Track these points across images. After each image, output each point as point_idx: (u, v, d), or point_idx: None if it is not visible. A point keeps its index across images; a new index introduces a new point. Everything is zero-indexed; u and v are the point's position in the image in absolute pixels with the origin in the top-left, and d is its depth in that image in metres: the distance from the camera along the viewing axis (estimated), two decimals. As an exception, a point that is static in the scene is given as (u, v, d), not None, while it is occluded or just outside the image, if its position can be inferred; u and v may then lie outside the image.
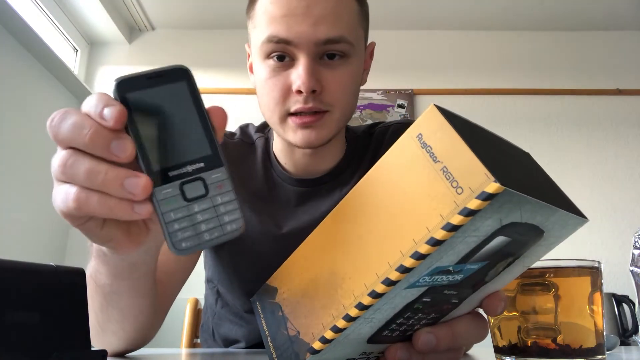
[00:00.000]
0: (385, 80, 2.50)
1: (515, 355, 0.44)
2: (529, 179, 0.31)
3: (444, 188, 0.26)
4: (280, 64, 0.64)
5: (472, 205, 0.24)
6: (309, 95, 0.63)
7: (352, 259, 0.31)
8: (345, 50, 0.64)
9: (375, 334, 0.33)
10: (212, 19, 2.46)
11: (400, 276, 0.27)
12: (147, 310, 0.54)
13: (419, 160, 0.28)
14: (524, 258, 0.31)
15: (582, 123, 2.46)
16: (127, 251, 0.35)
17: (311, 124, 0.65)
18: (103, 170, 0.28)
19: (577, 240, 2.55)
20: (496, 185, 0.23)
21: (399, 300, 0.30)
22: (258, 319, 0.40)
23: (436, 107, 0.28)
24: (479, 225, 0.25)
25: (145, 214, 0.28)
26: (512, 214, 0.26)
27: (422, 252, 0.26)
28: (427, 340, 0.34)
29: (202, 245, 0.28)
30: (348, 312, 0.30)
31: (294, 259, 0.38)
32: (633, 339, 1.63)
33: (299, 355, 0.33)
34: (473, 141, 0.26)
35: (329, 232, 0.35)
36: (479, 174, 0.24)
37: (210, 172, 0.28)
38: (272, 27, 0.62)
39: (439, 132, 0.27)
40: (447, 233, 0.25)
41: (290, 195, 0.75)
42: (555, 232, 0.30)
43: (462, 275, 0.30)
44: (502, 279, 0.33)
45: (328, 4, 0.62)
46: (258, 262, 0.52)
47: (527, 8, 2.44)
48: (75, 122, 0.29)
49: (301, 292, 0.35)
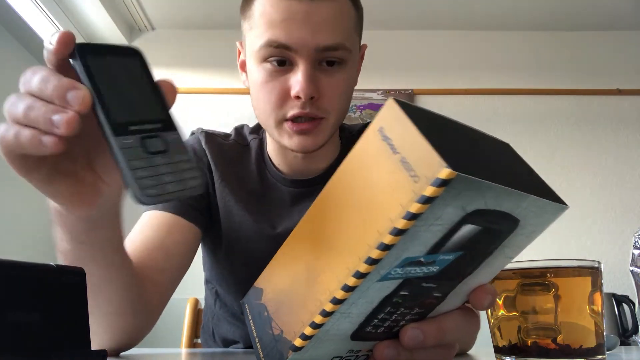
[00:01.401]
0: (385, 80, 2.50)
1: (515, 355, 0.44)
2: (500, 167, 0.31)
3: (403, 178, 0.26)
4: (279, 68, 0.64)
5: (428, 192, 0.25)
6: (307, 101, 0.63)
7: (326, 255, 0.31)
8: (343, 57, 0.65)
9: (358, 330, 0.33)
10: (212, 19, 2.46)
11: (369, 268, 0.28)
12: (123, 295, 0.52)
13: (381, 153, 0.28)
14: (504, 248, 0.31)
15: (582, 123, 2.46)
16: (79, 209, 0.37)
17: (308, 130, 0.65)
18: (37, 106, 0.30)
19: (577, 241, 2.55)
20: (448, 171, 0.24)
21: (374, 294, 0.30)
22: (247, 321, 0.41)
23: (395, 100, 0.29)
24: (440, 214, 0.26)
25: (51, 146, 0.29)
26: (475, 201, 0.26)
27: (387, 243, 0.27)
28: (413, 336, 0.34)
29: (166, 196, 0.29)
30: (324, 307, 0.30)
31: (277, 259, 0.39)
32: (633, 339, 1.63)
33: (282, 353, 0.34)
34: (432, 132, 0.27)
35: (305, 231, 0.35)
36: (433, 161, 0.25)
37: (167, 132, 0.30)
38: (272, 31, 0.62)
39: (397, 124, 0.28)
40: (407, 222, 0.26)
41: (284, 196, 0.75)
42: (532, 219, 0.30)
43: (438, 267, 0.30)
44: (486, 271, 0.33)
45: (328, 10, 0.62)
46: (253, 262, 0.53)
47: (527, 8, 2.44)
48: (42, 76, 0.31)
49: (283, 291, 0.36)
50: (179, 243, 0.67)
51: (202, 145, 0.77)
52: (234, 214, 0.74)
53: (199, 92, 2.47)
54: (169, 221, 0.68)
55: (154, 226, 0.67)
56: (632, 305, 1.67)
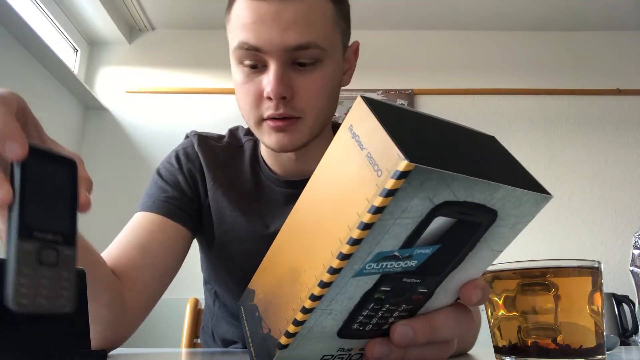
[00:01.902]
0: (385, 80, 2.51)
1: (515, 355, 0.44)
2: (478, 159, 0.31)
3: (368, 173, 0.27)
4: (253, 70, 0.64)
5: (389, 185, 0.25)
6: (280, 101, 0.63)
7: (306, 253, 0.32)
8: (317, 56, 0.64)
9: (344, 327, 0.34)
10: (212, 19, 2.46)
11: (341, 263, 0.28)
12: (98, 289, 0.53)
13: (351, 150, 0.29)
14: (488, 241, 0.31)
15: (582, 123, 2.46)
16: None
17: (284, 128, 0.65)
18: None
19: (577, 241, 2.55)
20: (405, 163, 0.24)
21: (352, 290, 0.31)
22: (242, 322, 0.41)
23: (362, 98, 0.29)
24: (405, 206, 0.26)
25: None
26: (441, 193, 0.26)
27: (355, 237, 0.27)
28: (403, 332, 0.34)
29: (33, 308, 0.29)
30: (304, 304, 0.31)
31: (266, 260, 0.39)
32: (633, 339, 1.63)
33: (270, 351, 0.35)
34: (399, 127, 0.27)
35: (289, 231, 0.36)
36: (393, 154, 0.25)
37: (65, 247, 0.31)
38: (243, 33, 0.62)
39: (364, 121, 0.28)
40: (373, 216, 0.26)
41: (277, 196, 0.76)
42: (511, 211, 0.30)
43: (417, 261, 0.30)
44: (473, 265, 0.33)
45: (298, 10, 0.61)
46: (247, 262, 0.53)
47: (527, 8, 2.45)
48: None
49: (271, 291, 0.36)
50: (160, 243, 0.68)
51: (194, 148, 0.77)
52: (226, 215, 0.74)
53: (199, 92, 2.48)
54: (154, 221, 0.69)
55: (136, 226, 0.68)
56: (632, 305, 1.67)
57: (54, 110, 2.15)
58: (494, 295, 0.46)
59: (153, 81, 2.50)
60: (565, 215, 2.27)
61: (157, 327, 1.54)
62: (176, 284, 0.74)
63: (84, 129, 2.40)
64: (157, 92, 2.48)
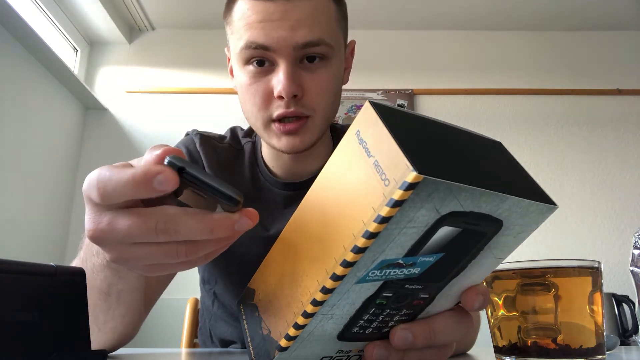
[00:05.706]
0: (385, 80, 2.50)
1: (515, 355, 0.44)
2: (486, 168, 0.31)
3: (375, 182, 0.26)
4: (260, 69, 0.64)
5: (396, 195, 0.25)
6: (291, 100, 0.63)
7: (309, 257, 0.32)
8: (325, 53, 0.64)
9: (344, 331, 0.34)
10: (212, 19, 2.46)
11: (345, 270, 0.28)
12: (142, 301, 0.55)
13: (358, 157, 0.29)
14: (491, 249, 0.31)
15: (582, 123, 2.46)
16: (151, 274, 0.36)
17: (294, 131, 0.65)
18: None
19: (577, 241, 2.54)
20: (414, 175, 0.24)
21: (355, 296, 0.30)
22: (241, 322, 0.41)
23: (371, 103, 0.29)
24: (412, 216, 0.26)
25: None
26: (448, 203, 0.26)
27: (360, 246, 0.27)
28: (403, 336, 0.34)
29: None
30: (305, 308, 0.31)
31: (267, 261, 0.39)
32: (633, 339, 1.63)
33: (270, 352, 0.34)
34: (407, 135, 0.27)
35: (291, 233, 0.36)
36: (401, 165, 0.25)
37: None
38: (250, 33, 0.62)
39: (372, 127, 0.28)
40: (379, 225, 0.26)
41: (277, 198, 0.76)
42: (517, 220, 0.30)
43: (420, 269, 0.30)
44: (476, 272, 0.33)
45: (305, 8, 0.61)
46: (246, 263, 0.53)
47: (527, 8, 2.45)
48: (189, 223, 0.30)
49: (272, 292, 0.36)
50: None
51: (196, 147, 0.77)
52: None
53: (198, 92, 2.48)
54: None
55: None
56: (632, 305, 1.67)
57: (54, 110, 2.14)
58: (494, 295, 0.46)
59: (153, 81, 2.50)
60: (565, 215, 2.27)
61: (157, 327, 1.54)
62: (176, 284, 0.74)
63: (84, 129, 2.40)
64: (157, 92, 2.48)
